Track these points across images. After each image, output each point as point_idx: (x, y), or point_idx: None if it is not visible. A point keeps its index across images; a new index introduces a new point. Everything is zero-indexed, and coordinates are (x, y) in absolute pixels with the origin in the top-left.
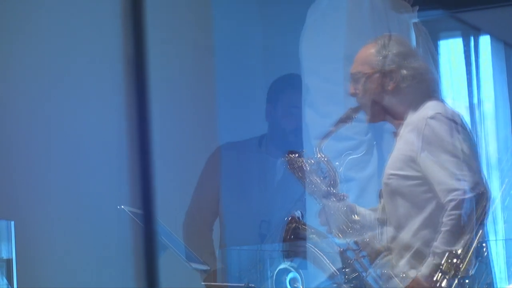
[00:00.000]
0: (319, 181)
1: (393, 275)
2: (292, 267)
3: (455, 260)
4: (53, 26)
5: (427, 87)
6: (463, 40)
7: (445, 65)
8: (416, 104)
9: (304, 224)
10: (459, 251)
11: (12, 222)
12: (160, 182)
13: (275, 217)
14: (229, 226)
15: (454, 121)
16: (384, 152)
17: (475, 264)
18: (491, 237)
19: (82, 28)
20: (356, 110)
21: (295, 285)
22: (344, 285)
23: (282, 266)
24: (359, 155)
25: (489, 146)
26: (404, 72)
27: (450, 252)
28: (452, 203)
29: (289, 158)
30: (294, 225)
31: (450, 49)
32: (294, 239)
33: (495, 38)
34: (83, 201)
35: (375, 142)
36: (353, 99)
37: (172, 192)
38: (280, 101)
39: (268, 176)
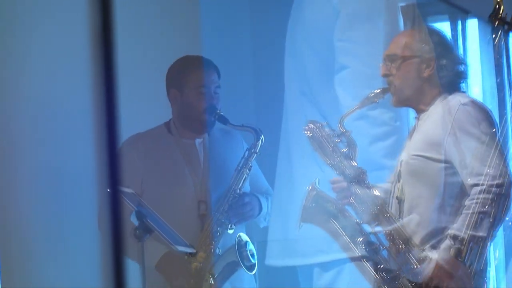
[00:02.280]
0: (339, 152)
1: (407, 252)
2: (247, 238)
3: (474, 243)
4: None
5: (458, 79)
6: (451, 24)
7: None
8: (445, 94)
9: (324, 194)
10: (479, 234)
11: None
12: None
13: (212, 196)
14: (165, 216)
15: (485, 110)
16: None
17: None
18: None
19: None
20: (384, 91)
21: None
22: (357, 259)
23: (240, 237)
24: (391, 142)
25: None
26: (444, 61)
27: (472, 236)
28: (478, 188)
29: (311, 127)
30: (315, 192)
31: None
32: (314, 206)
33: (483, 21)
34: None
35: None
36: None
37: None
38: (186, 84)
39: (191, 158)
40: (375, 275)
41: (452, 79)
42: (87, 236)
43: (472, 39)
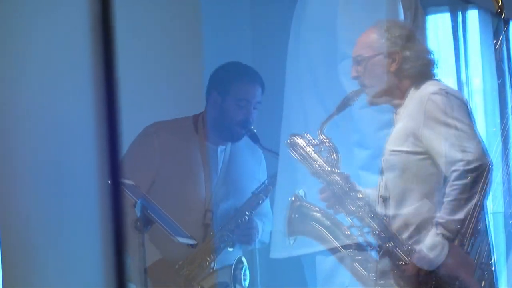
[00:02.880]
0: (322, 161)
1: (397, 249)
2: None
3: (457, 228)
4: None
5: (427, 68)
6: (451, 15)
7: (433, 40)
8: (417, 84)
9: (308, 203)
10: (461, 217)
11: None
12: None
13: (220, 208)
14: (170, 215)
15: (455, 96)
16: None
17: (476, 235)
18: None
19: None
20: (358, 92)
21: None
22: (350, 261)
23: (238, 258)
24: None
25: (477, 121)
26: (407, 53)
27: (453, 220)
28: (455, 173)
29: (291, 140)
30: (298, 203)
31: (438, 24)
32: (298, 217)
33: (483, 12)
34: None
35: None
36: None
37: None
38: (229, 92)
39: (210, 164)
40: (368, 276)
41: (420, 69)
42: (89, 232)
43: (473, 30)
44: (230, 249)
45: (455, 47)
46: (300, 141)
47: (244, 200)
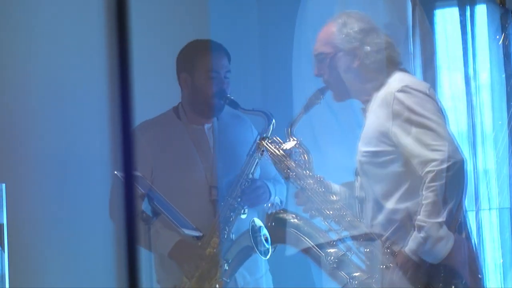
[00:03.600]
0: (293, 165)
1: (377, 252)
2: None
3: (440, 231)
4: None
5: (392, 61)
6: (459, 10)
7: (441, 35)
8: (382, 79)
9: (284, 210)
10: (443, 220)
11: (3, 185)
12: None
13: (223, 181)
14: (177, 203)
15: (422, 92)
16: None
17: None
18: (485, 206)
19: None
20: (323, 90)
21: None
22: (329, 266)
23: (254, 222)
24: None
25: (484, 116)
26: (368, 48)
27: (435, 223)
28: (430, 175)
29: (260, 144)
30: (274, 211)
31: (446, 19)
32: (275, 225)
33: (491, 7)
34: (72, 166)
35: None
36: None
37: None
38: (196, 68)
39: (201, 144)
40: (347, 279)
41: (382, 63)
42: (99, 228)
43: (481, 25)
44: (243, 216)
45: (463, 41)
46: (269, 146)
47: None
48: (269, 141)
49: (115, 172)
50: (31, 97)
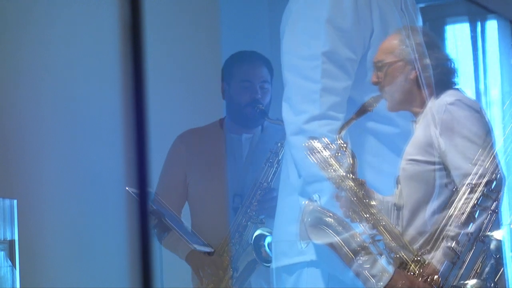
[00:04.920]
0: (338, 167)
1: (407, 259)
2: (267, 232)
3: (468, 240)
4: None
5: (447, 76)
6: (470, 25)
7: (452, 50)
8: (437, 93)
9: (321, 208)
10: (472, 231)
11: (15, 201)
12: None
13: (247, 189)
14: (199, 210)
15: (473, 108)
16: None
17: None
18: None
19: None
20: (377, 98)
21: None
22: (360, 268)
23: (258, 232)
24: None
25: (495, 132)
26: (427, 61)
27: (464, 233)
28: (469, 187)
29: (309, 143)
30: (311, 207)
31: (457, 35)
32: (311, 221)
33: (502, 22)
34: (85, 182)
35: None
36: (334, 96)
37: None
38: (232, 77)
39: (235, 152)
40: (375, 284)
41: (440, 77)
42: (112, 245)
43: (492, 41)
44: (261, 225)
45: (473, 57)
46: (317, 145)
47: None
48: (316, 140)
49: (127, 188)
50: (43, 112)
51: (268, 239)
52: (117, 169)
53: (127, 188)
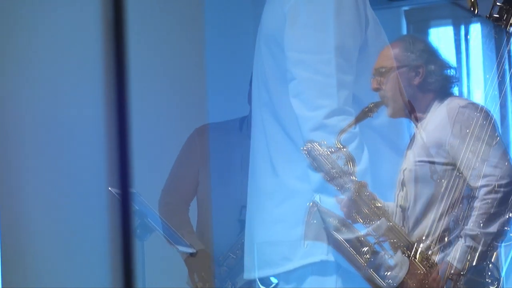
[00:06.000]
0: (339, 169)
1: (414, 259)
2: None
3: (488, 241)
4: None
5: (449, 83)
6: (454, 29)
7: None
8: (440, 99)
9: (326, 209)
10: (494, 231)
11: None
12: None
13: None
14: (206, 209)
15: (485, 111)
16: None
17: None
18: None
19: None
20: (378, 104)
21: None
22: (364, 269)
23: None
24: (352, 148)
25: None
26: (432, 67)
27: (485, 233)
28: (487, 188)
29: (309, 146)
30: (315, 209)
31: (440, 38)
32: (316, 223)
33: (486, 26)
34: (68, 182)
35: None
36: (347, 90)
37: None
38: None
39: (248, 160)
40: (382, 283)
41: (443, 83)
42: (95, 238)
43: (475, 44)
44: None
45: (457, 60)
46: (317, 148)
47: None
48: (317, 143)
49: (109, 189)
50: (25, 111)
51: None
52: (99, 169)
53: (109, 189)
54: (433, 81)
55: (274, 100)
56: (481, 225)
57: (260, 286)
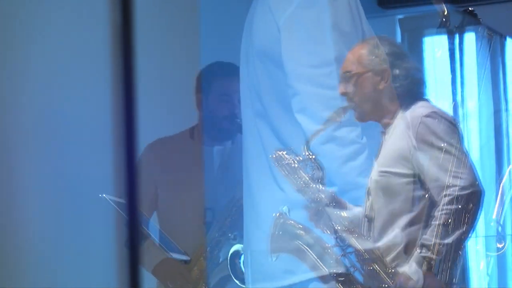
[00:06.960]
0: (307, 178)
1: (380, 271)
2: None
3: (443, 252)
4: None
5: (417, 88)
6: (448, 38)
7: (429, 62)
8: (407, 104)
9: (291, 220)
10: (449, 242)
11: None
12: None
13: (219, 203)
14: (169, 220)
15: (449, 120)
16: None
17: (456, 261)
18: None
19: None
20: (346, 109)
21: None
22: (331, 281)
23: (234, 249)
24: (361, 160)
25: (471, 144)
26: (397, 71)
27: (441, 244)
28: (447, 198)
29: (277, 155)
30: (282, 220)
31: (434, 46)
32: (282, 234)
33: (480, 35)
34: (65, 190)
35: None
36: (345, 102)
37: None
38: (212, 90)
39: (206, 165)
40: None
41: (409, 88)
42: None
43: (470, 53)
44: (234, 241)
45: (451, 69)
46: (285, 156)
47: None
48: (284, 152)
49: (104, 195)
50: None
51: (243, 257)
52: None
53: (104, 196)
54: (398, 86)
55: (270, 113)
56: (438, 235)
57: None
